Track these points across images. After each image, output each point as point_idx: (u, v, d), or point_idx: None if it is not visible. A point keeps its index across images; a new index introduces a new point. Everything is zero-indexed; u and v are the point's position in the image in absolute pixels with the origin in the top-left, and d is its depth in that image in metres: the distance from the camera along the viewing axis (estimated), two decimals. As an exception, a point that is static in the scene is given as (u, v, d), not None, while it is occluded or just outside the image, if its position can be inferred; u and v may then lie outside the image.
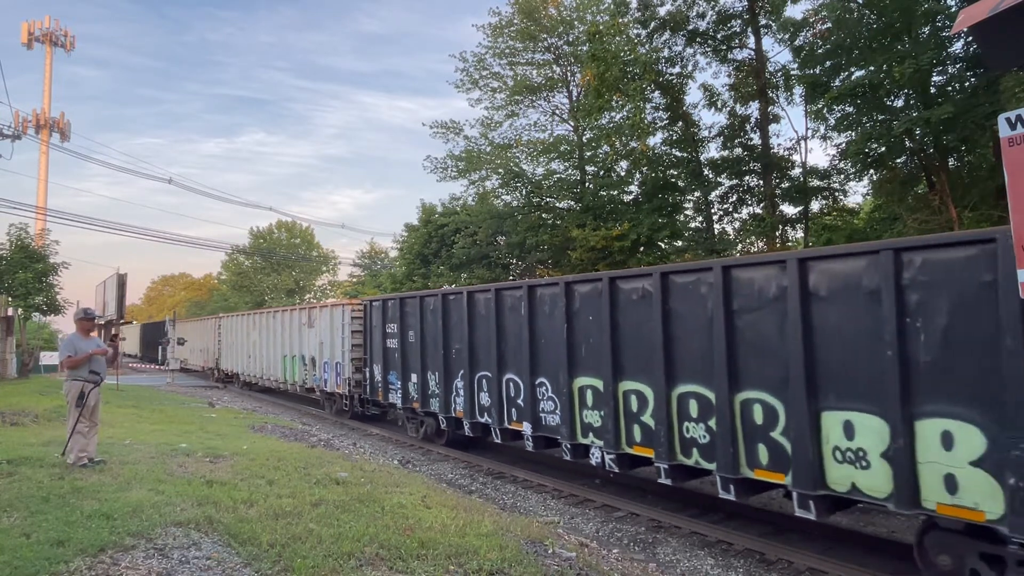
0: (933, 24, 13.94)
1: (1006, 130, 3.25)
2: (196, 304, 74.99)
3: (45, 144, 38.88)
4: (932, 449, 5.68)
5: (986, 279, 5.35)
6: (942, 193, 14.45)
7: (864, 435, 6.16)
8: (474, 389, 11.80)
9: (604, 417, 8.94)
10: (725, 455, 7.29)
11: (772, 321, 6.94)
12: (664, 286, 8.09)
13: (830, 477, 6.41)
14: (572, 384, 9.47)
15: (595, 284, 9.18)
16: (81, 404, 7.73)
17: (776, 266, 6.95)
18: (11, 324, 27.57)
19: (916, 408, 5.78)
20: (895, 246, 6.02)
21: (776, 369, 6.88)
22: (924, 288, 5.81)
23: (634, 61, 18.39)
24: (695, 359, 7.75)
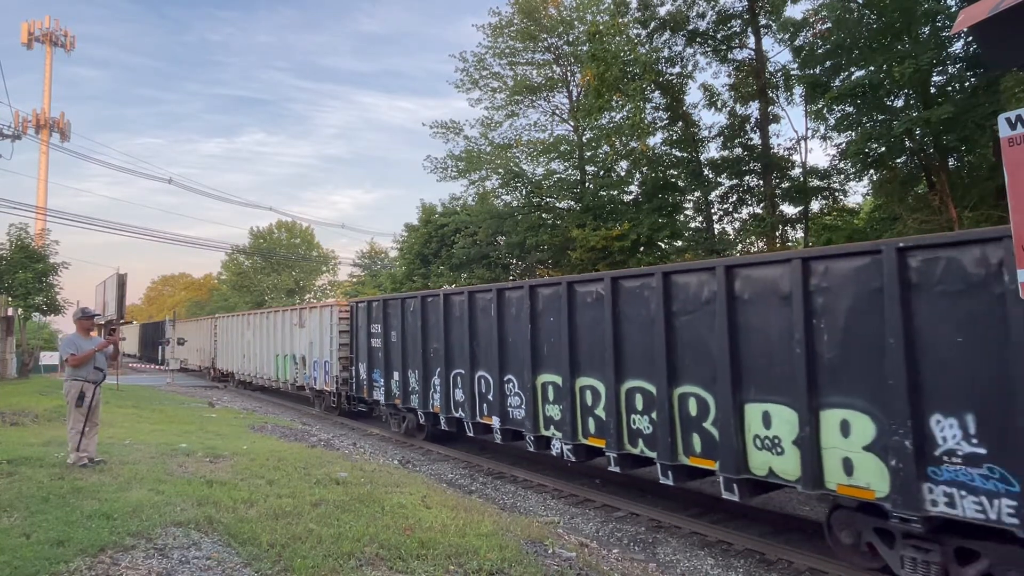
0: (933, 24, 13.94)
1: (1006, 130, 3.25)
2: (196, 304, 74.96)
3: (45, 144, 38.89)
4: (833, 436, 6.38)
5: (875, 286, 6.09)
6: (942, 193, 14.45)
7: (779, 424, 6.86)
8: (450, 386, 12.47)
9: (563, 411, 9.66)
10: (665, 444, 8.02)
11: (704, 322, 7.63)
12: (614, 290, 8.80)
13: (751, 463, 7.13)
14: (536, 380, 10.22)
15: (555, 288, 9.87)
16: (81, 404, 7.73)
17: (707, 272, 7.67)
18: (11, 324, 27.56)
19: (820, 399, 6.48)
20: (803, 255, 6.76)
21: (707, 366, 7.57)
22: (827, 293, 6.53)
23: (634, 61, 18.38)
24: (640, 357, 8.42)
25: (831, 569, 6.73)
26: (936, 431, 5.71)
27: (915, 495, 5.74)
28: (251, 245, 62.35)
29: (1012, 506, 5.19)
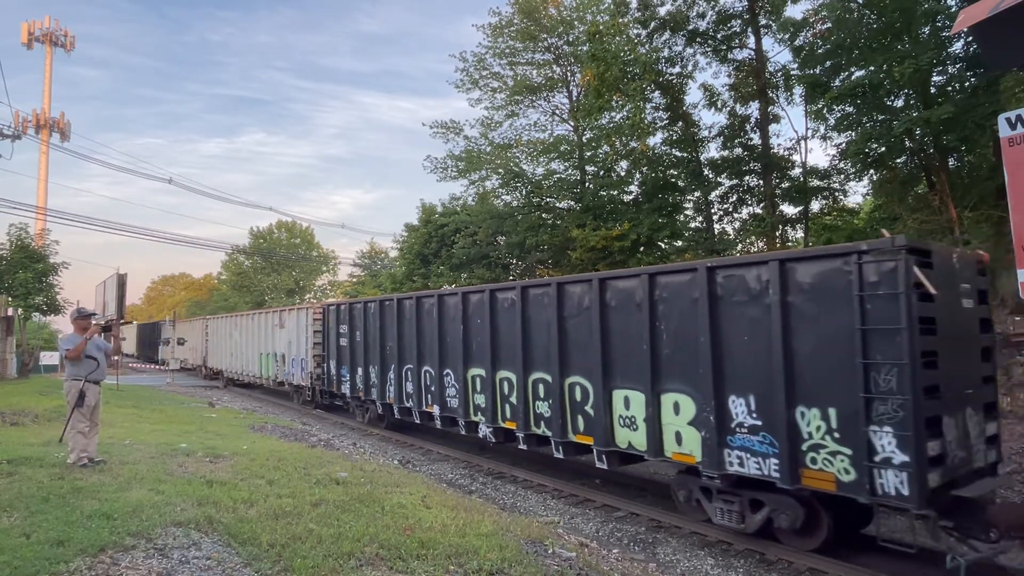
0: (933, 24, 13.93)
1: (1006, 130, 3.25)
2: (196, 304, 74.92)
3: (45, 144, 38.87)
4: (669, 414, 8.25)
5: (694, 296, 7.88)
6: (942, 193, 14.45)
7: (635, 406, 8.69)
8: (402, 379, 14.25)
9: (486, 399, 11.50)
10: (558, 425, 9.85)
11: (585, 324, 9.41)
12: (524, 297, 10.58)
13: (617, 438, 8.99)
14: (467, 374, 12.00)
15: (481, 295, 11.63)
16: (81, 404, 7.73)
17: (586, 284, 9.50)
18: (11, 324, 27.56)
19: (661, 386, 8.32)
20: (651, 271, 8.55)
21: (588, 359, 9.32)
22: (665, 302, 8.32)
23: (634, 61, 18.38)
24: (542, 353, 10.25)
25: (831, 569, 6.73)
26: (732, 408, 7.51)
27: (718, 458, 7.56)
28: (251, 245, 62.33)
29: (776, 464, 7.07)
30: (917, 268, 6.18)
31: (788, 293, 7.00)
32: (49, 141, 38.86)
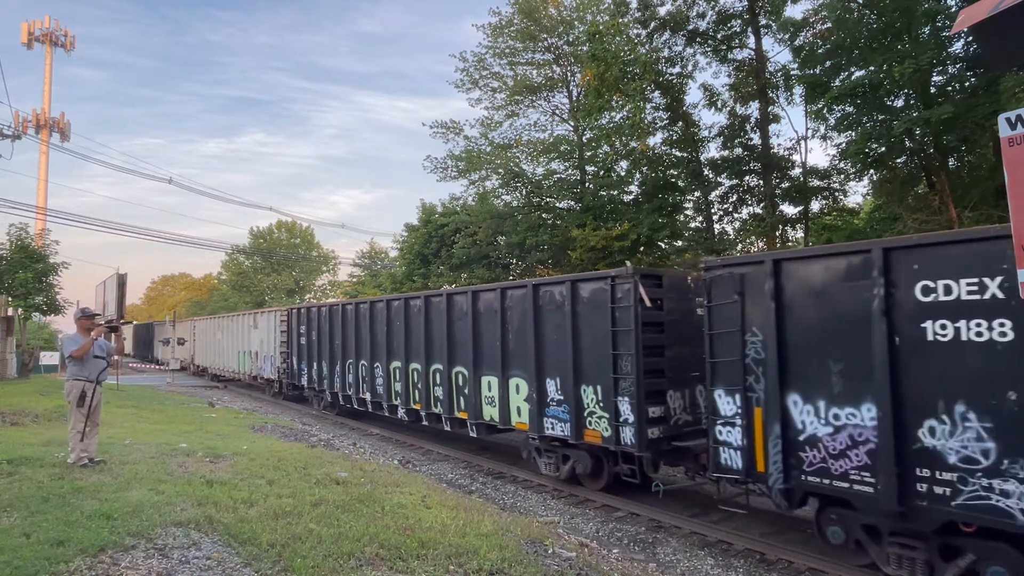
0: (933, 24, 13.93)
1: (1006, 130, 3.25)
2: (196, 304, 74.91)
3: (45, 144, 38.87)
4: (513, 394, 11.05)
5: (527, 305, 10.68)
6: (942, 193, 14.45)
7: (493, 388, 11.45)
8: (345, 372, 17.10)
9: (402, 386, 14.36)
10: (447, 404, 12.77)
11: (465, 326, 12.18)
12: (427, 304, 13.42)
13: (483, 413, 11.82)
14: (389, 366, 14.92)
15: (398, 302, 14.60)
16: (82, 404, 7.73)
17: (464, 295, 12.30)
18: (11, 324, 27.54)
19: (508, 372, 11.15)
20: (503, 286, 11.31)
21: (466, 353, 12.15)
22: (511, 309, 11.16)
23: (634, 61, 18.37)
24: (437, 348, 13.04)
25: (831, 569, 6.73)
26: (547, 388, 10.35)
27: (539, 424, 10.46)
28: (251, 245, 62.32)
29: (570, 426, 9.86)
30: (642, 288, 8.90)
31: (576, 304, 9.81)
32: (49, 141, 38.86)
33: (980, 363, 5.64)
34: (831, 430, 6.62)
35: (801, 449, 6.86)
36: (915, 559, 6.18)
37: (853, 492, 6.44)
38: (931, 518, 5.94)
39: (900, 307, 6.15)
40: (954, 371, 5.81)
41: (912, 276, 6.06)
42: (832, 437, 6.61)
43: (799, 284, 7.00)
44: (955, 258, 5.83)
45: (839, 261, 6.68)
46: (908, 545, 6.24)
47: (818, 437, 6.72)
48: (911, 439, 6.05)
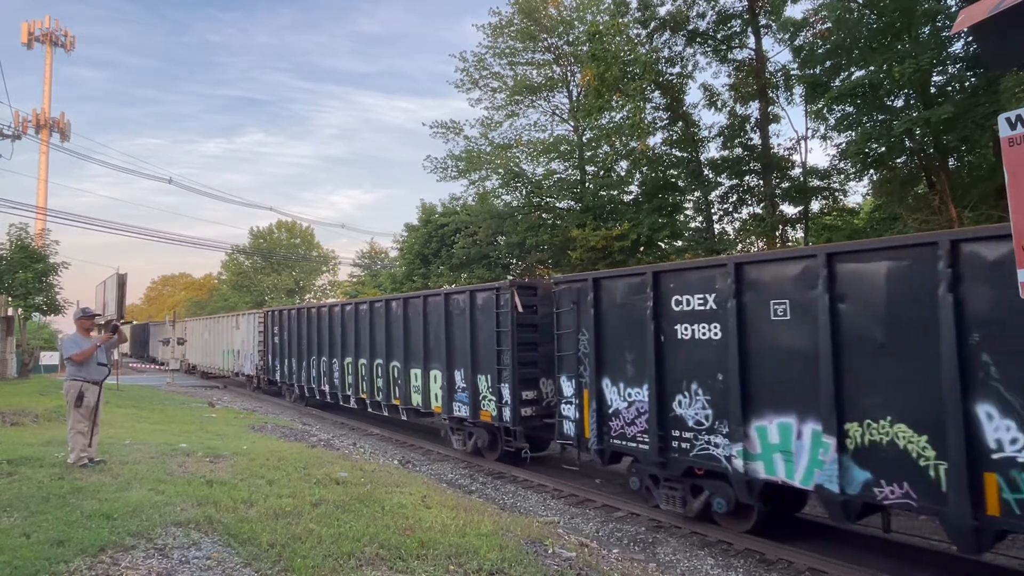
0: (933, 24, 13.93)
1: (1006, 130, 3.24)
2: (196, 304, 74.90)
3: (45, 144, 38.86)
4: (432, 383, 13.55)
5: (440, 311, 13.19)
6: (942, 193, 14.45)
7: (419, 379, 14.00)
8: (310, 368, 19.81)
9: (353, 379, 16.93)
10: (384, 393, 15.32)
11: (399, 326, 14.72)
12: (371, 308, 16.02)
13: (412, 400, 14.36)
14: (343, 362, 17.50)
15: (349, 306, 17.39)
16: (81, 404, 7.72)
17: (396, 301, 15.03)
18: (11, 324, 27.54)
19: (429, 365, 13.66)
20: (426, 294, 14.14)
21: (400, 349, 14.68)
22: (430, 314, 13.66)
23: (634, 61, 18.37)
24: (380, 346, 15.54)
25: (831, 569, 6.73)
26: (456, 377, 12.81)
27: (449, 407, 12.94)
28: (251, 245, 62.29)
29: (469, 408, 12.40)
30: (517, 297, 11.24)
31: (473, 310, 12.25)
32: (49, 141, 38.85)
33: (704, 354, 7.92)
34: (626, 404, 8.94)
35: (609, 420, 9.17)
36: (676, 497, 8.48)
37: (638, 450, 8.79)
38: (679, 466, 8.31)
39: (663, 314, 8.39)
40: (691, 360, 8.10)
41: (669, 292, 8.34)
42: (627, 410, 8.93)
43: (609, 297, 9.23)
44: (692, 280, 8.11)
45: (631, 280, 8.94)
46: (672, 487, 8.53)
47: (619, 410, 9.04)
48: (668, 409, 8.37)
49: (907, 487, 6.08)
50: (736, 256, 8.77)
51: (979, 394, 5.65)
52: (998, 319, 5.53)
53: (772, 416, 7.20)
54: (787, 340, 7.06)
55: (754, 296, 7.38)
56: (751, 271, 7.44)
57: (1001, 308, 5.46)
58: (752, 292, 7.40)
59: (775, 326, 7.18)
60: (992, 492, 5.55)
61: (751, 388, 7.37)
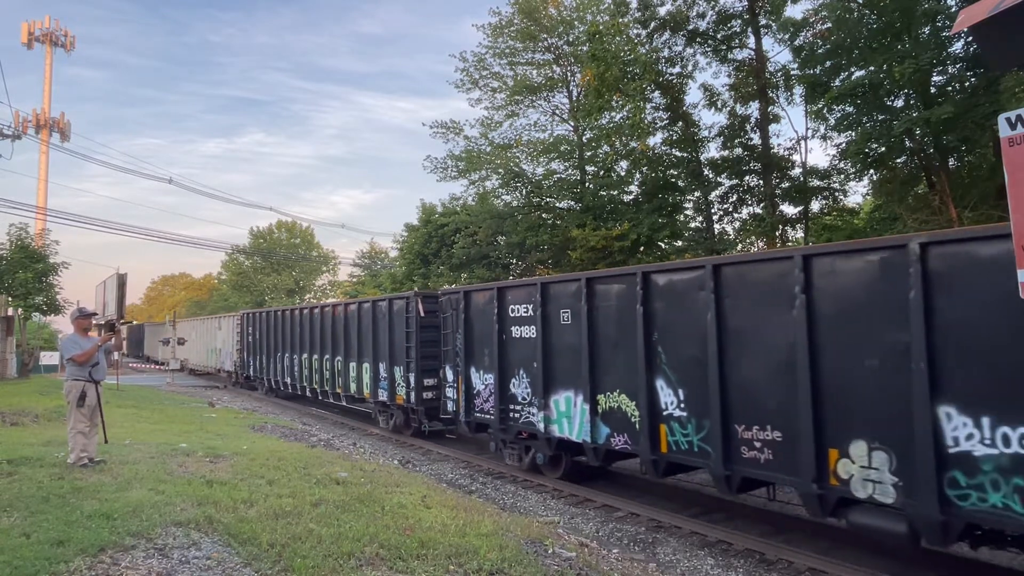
0: (933, 24, 13.93)
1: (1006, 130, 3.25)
2: (196, 304, 74.90)
3: (45, 144, 38.85)
4: (363, 375, 16.34)
5: (370, 316, 16.05)
6: (942, 193, 14.45)
7: (354, 371, 16.73)
8: (277, 363, 22.55)
9: (308, 372, 19.82)
10: (331, 383, 18.19)
11: (341, 327, 17.51)
12: (322, 311, 18.94)
13: (350, 389, 17.00)
14: (302, 358, 20.27)
15: (308, 309, 20.25)
16: (82, 404, 7.72)
17: (341, 305, 17.94)
18: (11, 324, 27.54)
19: (361, 359, 16.43)
20: (360, 301, 17.12)
21: (344, 347, 17.35)
22: (363, 317, 16.47)
23: (634, 61, 18.38)
24: (328, 343, 18.31)
25: (831, 569, 6.73)
26: (380, 368, 15.52)
27: (376, 394, 15.60)
28: (251, 245, 62.30)
29: (388, 393, 15.26)
30: (420, 304, 14.01)
31: (391, 314, 15.06)
32: (49, 141, 38.84)
33: (526, 348, 10.47)
34: (484, 387, 11.53)
35: (475, 399, 11.78)
36: (515, 454, 11.21)
37: (490, 420, 11.38)
38: (513, 431, 10.96)
39: (504, 319, 10.98)
40: (520, 353, 10.63)
41: (508, 302, 10.93)
42: (484, 391, 11.52)
43: (475, 305, 11.86)
44: (520, 295, 10.73)
45: (486, 292, 11.54)
46: (512, 447, 11.25)
47: (480, 391, 11.65)
48: (506, 390, 10.97)
49: (626, 436, 8.82)
50: (541, 277, 11.63)
51: (657, 372, 8.31)
52: (666, 323, 8.24)
53: (561, 391, 9.86)
54: (568, 338, 9.69)
55: (551, 306, 10.00)
56: (550, 288, 10.10)
57: (668, 316, 8.20)
58: (550, 303, 10.03)
59: (563, 328, 9.80)
60: (663, 437, 8.28)
61: (550, 372, 10.02)
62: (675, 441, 8.05)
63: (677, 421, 8.01)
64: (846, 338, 6.35)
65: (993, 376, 5.38)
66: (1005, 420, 5.29)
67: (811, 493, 6.54)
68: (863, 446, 6.20)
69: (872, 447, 6.14)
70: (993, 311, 5.35)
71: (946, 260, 5.69)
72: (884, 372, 6.06)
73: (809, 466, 6.51)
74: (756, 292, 7.18)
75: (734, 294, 7.39)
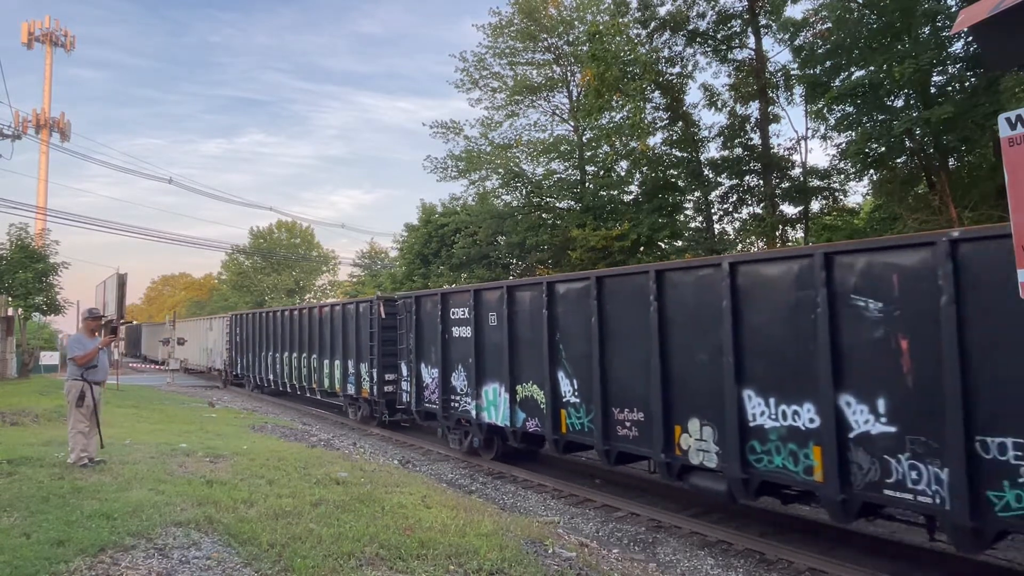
0: (933, 24, 13.93)
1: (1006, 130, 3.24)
2: (196, 304, 74.89)
3: (45, 144, 38.85)
4: (335, 371, 17.90)
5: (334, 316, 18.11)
6: (942, 193, 14.45)
7: (327, 367, 18.40)
8: (262, 362, 23.93)
9: (288, 369, 21.33)
10: (308, 379, 19.72)
11: (316, 328, 19.08)
12: (300, 313, 20.69)
13: (324, 384, 18.68)
14: (283, 356, 21.83)
15: (285, 311, 21.98)
16: (81, 404, 7.72)
17: (307, 309, 20.49)
18: (11, 324, 27.54)
19: (332, 358, 18.08)
20: (321, 305, 19.71)
21: (317, 346, 18.98)
22: (326, 320, 18.59)
23: (634, 61, 18.38)
24: (304, 343, 19.96)
25: (831, 569, 6.73)
26: (348, 365, 17.15)
27: (345, 388, 17.35)
28: (251, 245, 62.29)
29: (355, 388, 16.76)
30: (381, 307, 15.39)
31: (358, 316, 16.64)
32: (49, 141, 38.84)
33: (464, 346, 11.91)
34: (431, 380, 12.97)
35: (424, 391, 13.30)
36: (456, 439, 12.77)
37: (436, 410, 12.89)
38: (454, 418, 12.50)
39: (446, 320, 12.49)
40: (459, 350, 12.12)
41: (450, 306, 12.43)
42: (431, 384, 12.99)
43: (423, 308, 13.41)
44: (460, 299, 12.22)
45: (432, 298, 13.11)
46: (454, 433, 12.79)
47: (428, 384, 13.14)
48: (448, 382, 12.52)
49: (537, 420, 10.29)
50: (475, 284, 13.32)
51: (558, 366, 9.83)
52: (564, 325, 9.76)
53: (489, 383, 11.40)
54: (494, 337, 11.20)
55: (482, 310, 11.47)
56: (482, 294, 11.58)
57: (567, 319, 9.71)
58: (482, 307, 11.50)
59: (491, 329, 11.30)
60: (564, 420, 9.77)
61: (481, 367, 11.53)
62: (571, 423, 9.64)
63: (573, 406, 9.63)
64: (685, 337, 7.92)
65: (776, 366, 6.92)
66: (783, 400, 6.87)
67: (662, 462, 8.16)
68: (697, 423, 7.79)
69: (703, 424, 7.74)
70: (776, 317, 6.93)
71: (748, 277, 7.23)
72: (708, 364, 7.60)
73: (660, 440, 8.11)
74: (626, 300, 8.74)
75: (611, 301, 8.96)
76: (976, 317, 5.42)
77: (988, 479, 5.36)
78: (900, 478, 5.90)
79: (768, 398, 6.94)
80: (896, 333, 5.94)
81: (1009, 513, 5.25)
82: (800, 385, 6.66)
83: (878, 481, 6.04)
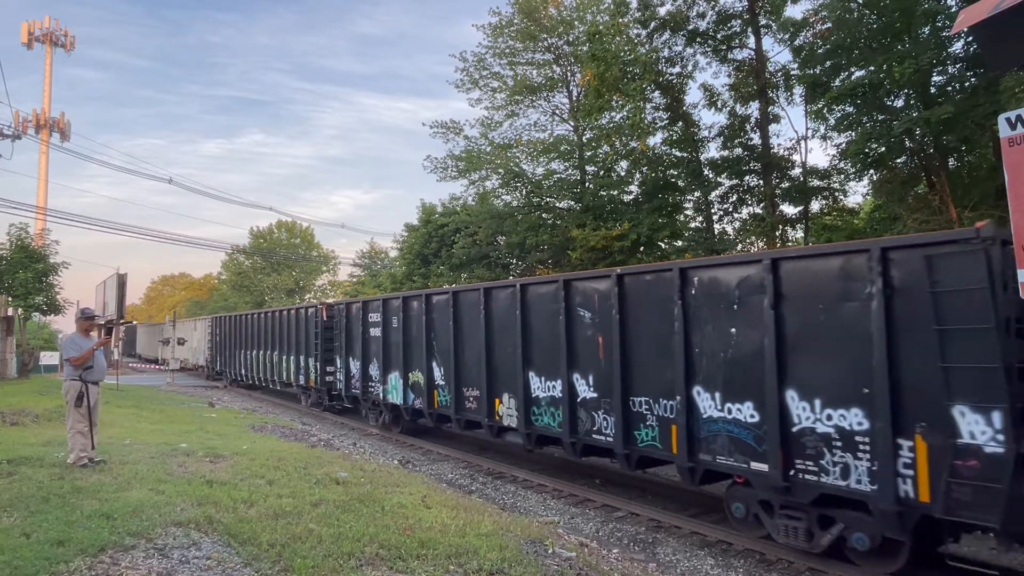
0: (933, 24, 13.92)
1: (1006, 130, 3.24)
2: (196, 304, 74.85)
3: (45, 144, 38.79)
4: (291, 366, 20.89)
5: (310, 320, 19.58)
6: (942, 193, 14.44)
7: (285, 362, 21.40)
8: (240, 359, 26.23)
9: (255, 365, 24.14)
10: (272, 373, 22.57)
11: (291, 330, 20.91)
12: (279, 315, 22.26)
13: (284, 377, 21.48)
14: (264, 354, 23.35)
15: (268, 313, 23.59)
16: (80, 404, 7.72)
17: (301, 309, 20.83)
18: (11, 324, 27.53)
19: (289, 354, 21.02)
20: (295, 307, 21.72)
21: (276, 344, 22.17)
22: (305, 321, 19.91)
23: (634, 61, 18.37)
24: (286, 344, 21.21)
25: (831, 569, 6.73)
26: (300, 360, 20.13)
27: (297, 379, 20.38)
28: (251, 245, 62.24)
29: (304, 378, 19.91)
30: (323, 311, 18.50)
31: (307, 320, 19.52)
32: (49, 141, 38.78)
33: (376, 344, 15.03)
34: (356, 371, 16.18)
35: (351, 379, 16.47)
36: (373, 417, 15.91)
37: (359, 396, 16.22)
38: (372, 401, 15.75)
39: (366, 322, 15.49)
40: (374, 346, 15.25)
41: (368, 311, 15.62)
42: (356, 374, 16.20)
43: (351, 313, 16.57)
44: (373, 306, 15.34)
45: (356, 305, 16.31)
46: (376, 415, 15.82)
47: (354, 374, 16.34)
48: (366, 372, 15.71)
49: (421, 399, 13.24)
50: (384, 295, 16.67)
51: (432, 358, 12.89)
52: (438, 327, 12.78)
53: (392, 372, 14.41)
54: (395, 337, 14.23)
55: (388, 314, 14.53)
56: (389, 302, 14.63)
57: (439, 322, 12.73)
58: (388, 312, 14.56)
59: (393, 330, 14.34)
60: (436, 398, 12.82)
61: (387, 359, 14.56)
62: (441, 400, 12.69)
63: (441, 387, 12.68)
64: (502, 336, 11.01)
65: (543, 355, 10.12)
66: (548, 378, 9.96)
67: (488, 425, 11.27)
68: (507, 396, 10.82)
69: (509, 396, 10.74)
70: (543, 323, 10.12)
71: (529, 294, 10.37)
72: (511, 355, 10.66)
73: (487, 409, 11.21)
74: (469, 308, 11.78)
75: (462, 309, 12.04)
76: (629, 325, 8.62)
77: (635, 424, 8.52)
78: (599, 426, 9.05)
79: (541, 377, 10.13)
80: (597, 333, 9.06)
81: (643, 444, 8.40)
82: (555, 368, 9.73)
83: (591, 429, 9.19)
